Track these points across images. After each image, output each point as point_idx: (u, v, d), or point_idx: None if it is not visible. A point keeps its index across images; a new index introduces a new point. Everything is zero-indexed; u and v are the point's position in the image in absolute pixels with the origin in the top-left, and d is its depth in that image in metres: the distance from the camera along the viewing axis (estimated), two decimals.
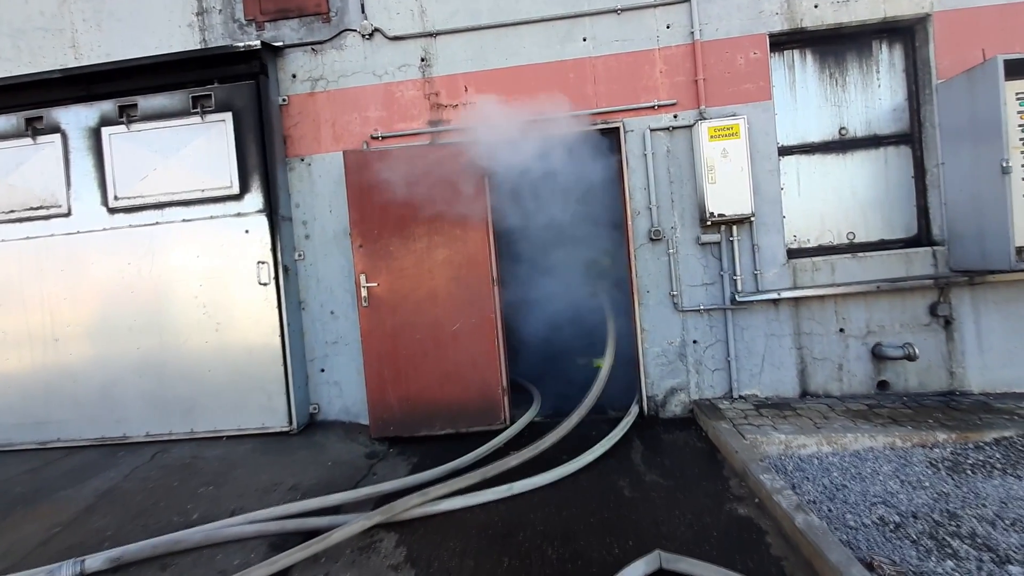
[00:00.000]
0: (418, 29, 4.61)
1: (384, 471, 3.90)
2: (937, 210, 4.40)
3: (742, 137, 4.20)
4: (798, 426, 3.81)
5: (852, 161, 4.57)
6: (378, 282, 4.42)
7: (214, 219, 4.57)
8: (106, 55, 4.88)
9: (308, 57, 4.71)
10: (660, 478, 3.46)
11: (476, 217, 4.38)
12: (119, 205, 4.66)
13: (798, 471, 3.39)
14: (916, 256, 4.35)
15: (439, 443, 4.32)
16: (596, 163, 4.64)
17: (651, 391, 4.53)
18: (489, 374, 4.45)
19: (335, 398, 4.75)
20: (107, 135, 4.66)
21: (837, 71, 4.57)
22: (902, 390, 4.37)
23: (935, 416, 3.85)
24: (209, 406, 4.59)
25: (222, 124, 4.53)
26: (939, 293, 4.31)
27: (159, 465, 4.21)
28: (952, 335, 4.33)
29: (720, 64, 4.42)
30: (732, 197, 4.22)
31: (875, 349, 4.35)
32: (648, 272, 4.51)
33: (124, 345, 4.66)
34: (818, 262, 4.40)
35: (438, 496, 3.19)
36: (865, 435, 3.62)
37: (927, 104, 4.41)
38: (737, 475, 3.38)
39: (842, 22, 4.35)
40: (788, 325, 4.42)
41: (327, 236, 4.72)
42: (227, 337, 4.56)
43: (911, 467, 3.30)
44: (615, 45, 4.50)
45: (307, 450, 4.26)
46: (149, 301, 4.63)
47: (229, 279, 4.56)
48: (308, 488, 3.64)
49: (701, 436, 4.07)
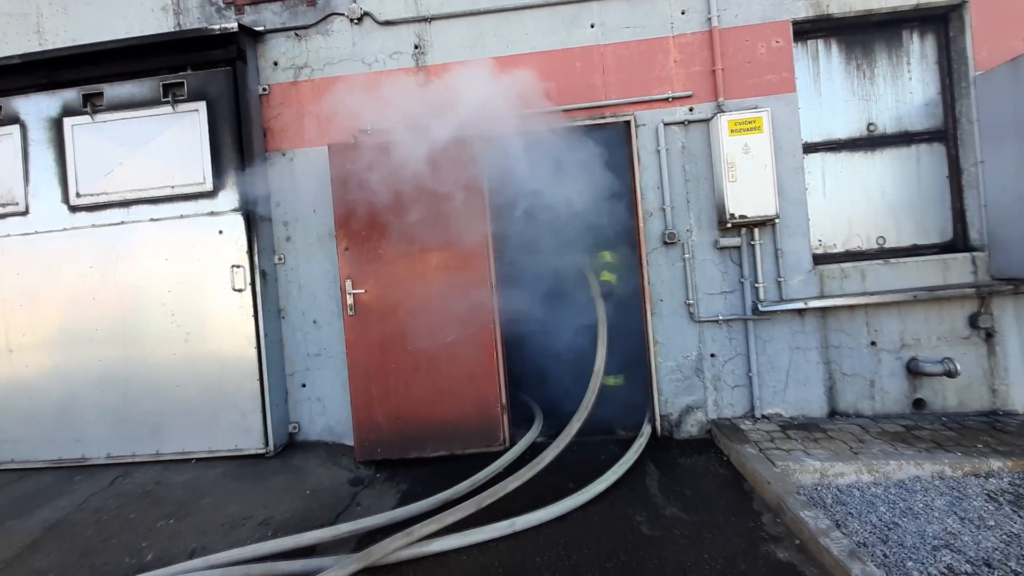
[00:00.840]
0: (411, 13, 4.24)
1: (369, 501, 3.47)
2: (976, 213, 4.05)
3: (766, 131, 3.84)
4: (832, 451, 3.41)
5: (881, 159, 4.21)
6: (366, 288, 4.01)
7: (185, 218, 4.15)
8: (72, 40, 4.48)
9: (291, 43, 4.33)
10: (682, 511, 3.05)
11: (473, 218, 3.99)
12: (81, 203, 4.24)
13: (839, 504, 2.99)
14: (954, 263, 3.99)
15: (432, 467, 3.90)
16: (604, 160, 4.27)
17: (665, 409, 4.12)
18: (487, 390, 4.04)
19: (317, 416, 4.31)
20: (70, 126, 4.25)
21: (864, 62, 4.23)
22: (940, 409, 3.99)
23: (983, 440, 3.47)
24: (177, 425, 4.15)
25: (195, 114, 4.13)
26: (980, 303, 3.94)
27: (118, 492, 3.76)
28: (994, 349, 3.95)
29: (740, 53, 4.06)
30: (754, 197, 3.85)
31: (910, 364, 3.97)
32: (662, 279, 4.12)
33: (85, 357, 4.22)
34: (847, 268, 4.02)
35: (427, 535, 2.77)
36: (909, 462, 3.23)
37: (963, 98, 4.07)
38: (770, 509, 2.98)
39: (871, 8, 4.01)
40: (814, 337, 4.03)
41: (310, 238, 4.31)
42: (198, 349, 4.13)
43: (968, 501, 2.91)
44: (625, 32, 4.14)
45: (284, 476, 3.82)
46: (113, 309, 4.20)
47: (201, 284, 4.14)
48: (282, 522, 3.20)
49: (723, 461, 3.66)
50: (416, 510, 3.16)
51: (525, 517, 2.98)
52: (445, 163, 3.95)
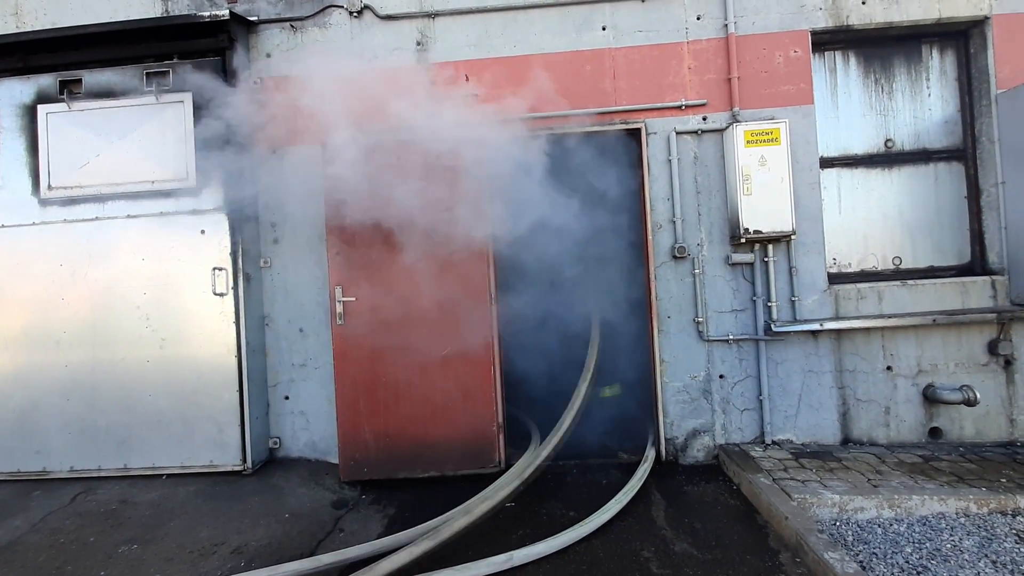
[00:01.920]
0: (415, 8, 4.03)
1: (354, 526, 3.20)
2: (995, 235, 3.90)
3: (783, 143, 3.67)
4: (851, 483, 3.21)
5: (899, 177, 4.07)
6: (356, 296, 3.76)
7: (165, 216, 3.88)
8: (52, 23, 4.22)
9: (286, 34, 4.10)
10: (692, 548, 2.83)
11: (473, 225, 3.76)
12: (53, 196, 3.95)
13: (861, 543, 2.78)
14: (973, 286, 3.83)
15: (421, 489, 3.64)
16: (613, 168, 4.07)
17: (670, 432, 3.91)
18: (483, 408, 3.80)
19: (300, 431, 4.04)
20: (44, 114, 3.97)
21: (883, 77, 4.09)
22: (956, 439, 3.81)
23: (1006, 473, 3.29)
24: (147, 438, 3.85)
25: (180, 106, 3.87)
26: (999, 329, 3.78)
27: (78, 511, 3.46)
28: (1013, 377, 3.79)
29: (757, 62, 3.90)
30: (770, 211, 3.67)
31: (927, 391, 3.79)
32: (670, 294, 3.92)
33: (50, 361, 3.91)
34: (863, 289, 3.85)
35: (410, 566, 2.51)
36: (932, 497, 3.04)
37: (983, 117, 3.94)
38: (788, 548, 2.76)
39: (892, 21, 3.88)
40: (828, 361, 3.85)
41: (299, 241, 4.06)
42: (173, 356, 3.84)
43: (998, 542, 2.71)
44: (638, 36, 3.96)
45: (262, 496, 3.54)
46: (82, 310, 3.90)
47: (179, 287, 3.86)
48: (257, 550, 2.92)
49: (732, 490, 3.45)
50: (403, 539, 2.89)
51: (523, 551, 2.74)
52: (445, 166, 3.73)
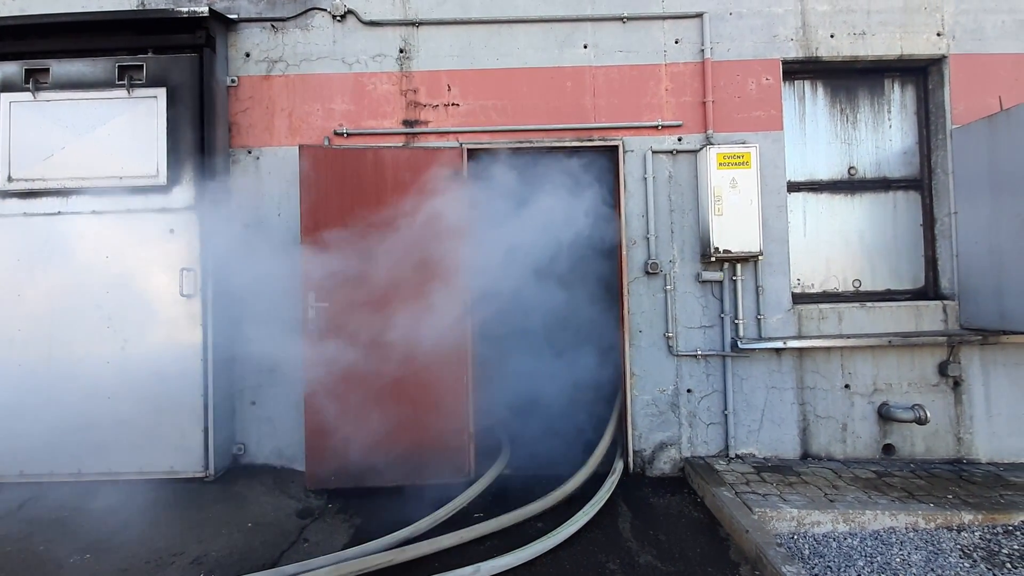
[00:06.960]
0: (399, 16, 4.04)
1: (319, 536, 3.16)
2: (947, 262, 4.11)
3: (753, 167, 3.80)
4: (809, 497, 3.32)
5: (860, 203, 4.25)
6: (329, 302, 3.73)
7: (132, 213, 3.77)
8: (20, 9, 4.08)
9: (266, 35, 4.05)
10: (656, 560, 2.88)
11: (450, 234, 3.78)
12: (13, 188, 3.80)
13: (817, 557, 2.88)
14: (927, 310, 4.03)
15: (390, 498, 3.61)
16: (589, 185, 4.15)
17: (638, 445, 3.98)
18: (455, 417, 3.80)
19: (266, 437, 3.96)
20: (7, 103, 3.82)
21: (848, 107, 4.28)
22: (908, 455, 3.99)
23: (952, 490, 3.46)
24: (105, 442, 3.71)
25: (153, 101, 3.78)
26: (949, 351, 3.98)
27: (26, 518, 3.31)
28: (960, 398, 3.99)
29: (730, 87, 4.04)
30: (740, 232, 3.79)
31: (881, 409, 3.96)
32: (642, 309, 4.00)
33: (2, 360, 3.75)
34: (825, 310, 4.01)
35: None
36: (884, 512, 3.17)
37: (939, 149, 4.16)
38: (748, 560, 2.84)
39: (858, 55, 4.07)
40: (791, 377, 3.98)
41: (272, 244, 3.99)
42: (135, 358, 3.73)
43: (944, 557, 2.85)
44: (618, 56, 4.06)
45: (224, 504, 3.45)
46: (40, 308, 3.75)
47: (145, 287, 3.75)
48: (217, 561, 2.86)
49: (696, 503, 3.53)
50: (369, 551, 2.87)
51: (490, 563, 2.75)
52: (423, 173, 3.75)
